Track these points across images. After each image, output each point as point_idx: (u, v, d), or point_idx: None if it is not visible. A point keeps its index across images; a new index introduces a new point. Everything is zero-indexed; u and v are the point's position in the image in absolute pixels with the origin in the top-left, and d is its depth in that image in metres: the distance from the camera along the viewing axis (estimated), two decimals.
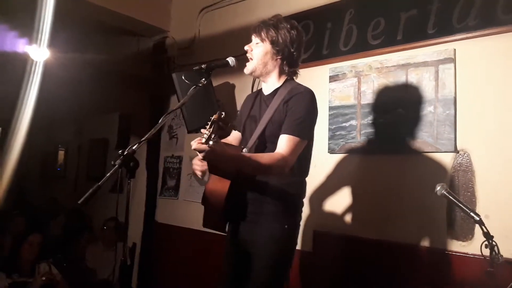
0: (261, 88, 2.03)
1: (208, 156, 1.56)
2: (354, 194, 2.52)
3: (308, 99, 1.82)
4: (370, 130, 2.47)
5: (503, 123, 2.04)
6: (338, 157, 2.62)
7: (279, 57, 1.88)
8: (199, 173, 1.85)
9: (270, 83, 1.94)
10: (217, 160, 1.63)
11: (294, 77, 1.97)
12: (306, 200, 2.66)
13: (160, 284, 3.80)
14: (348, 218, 2.53)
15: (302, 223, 2.62)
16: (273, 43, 1.86)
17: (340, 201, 2.58)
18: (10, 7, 3.25)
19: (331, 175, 2.64)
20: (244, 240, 1.84)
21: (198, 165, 1.84)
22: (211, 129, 1.49)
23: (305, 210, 2.68)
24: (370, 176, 2.47)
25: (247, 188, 1.83)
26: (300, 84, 1.91)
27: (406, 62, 2.36)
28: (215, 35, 3.59)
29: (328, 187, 2.63)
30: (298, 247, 2.58)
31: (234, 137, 2.10)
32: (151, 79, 4.14)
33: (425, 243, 2.21)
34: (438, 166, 2.21)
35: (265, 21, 1.91)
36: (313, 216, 2.67)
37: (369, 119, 2.47)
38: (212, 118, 1.51)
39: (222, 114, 1.54)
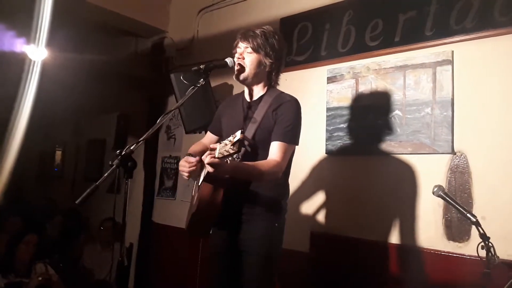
0: (242, 93, 2.07)
1: (219, 172, 1.64)
2: (351, 195, 2.52)
3: (295, 107, 1.92)
4: (367, 131, 2.47)
5: (500, 125, 2.04)
6: (335, 158, 2.62)
7: (270, 68, 1.95)
8: (185, 175, 1.86)
9: (256, 91, 1.99)
10: (226, 172, 1.73)
11: (276, 85, 2.04)
12: (303, 201, 2.68)
13: (157, 284, 3.79)
14: (345, 219, 2.53)
15: (299, 224, 2.65)
16: (267, 54, 1.92)
17: (337, 202, 2.58)
18: (8, 6, 3.24)
19: (328, 176, 2.65)
20: (238, 240, 1.90)
21: (186, 166, 1.85)
22: (235, 147, 1.51)
23: (302, 211, 2.70)
24: (367, 177, 2.48)
25: (240, 192, 1.89)
26: (283, 92, 1.98)
27: (404, 63, 2.37)
28: (214, 35, 3.59)
29: (325, 188, 2.64)
30: (295, 247, 2.59)
31: (209, 139, 2.15)
32: (149, 79, 4.14)
33: (422, 244, 2.22)
34: (435, 168, 2.21)
35: (254, 31, 1.94)
36: (310, 217, 2.67)
37: (367, 120, 2.48)
38: (238, 137, 1.53)
39: (244, 132, 1.59)
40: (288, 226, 2.00)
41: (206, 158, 1.60)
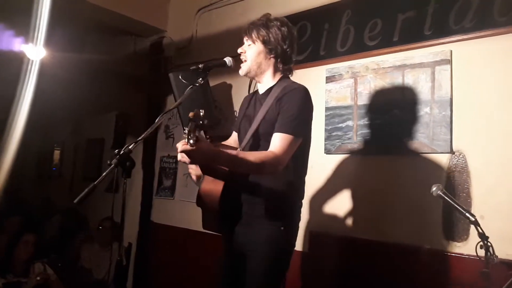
0: (257, 89, 2.02)
1: (194, 157, 1.49)
2: (350, 194, 2.52)
3: (301, 96, 1.77)
4: (366, 131, 2.47)
5: (498, 124, 2.05)
6: (334, 157, 2.62)
7: (272, 55, 1.86)
8: (194, 178, 1.83)
9: (265, 82, 1.90)
10: (204, 159, 1.57)
11: (290, 75, 1.94)
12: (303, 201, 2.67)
13: (155, 284, 3.79)
14: (344, 218, 2.53)
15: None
16: (264, 42, 1.83)
17: (336, 202, 2.58)
18: (7, 5, 3.23)
19: (327, 176, 2.65)
20: (239, 242, 1.81)
21: (193, 169, 1.84)
22: (189, 128, 1.40)
23: (302, 211, 2.69)
24: (366, 177, 2.48)
25: (241, 189, 1.80)
26: (295, 82, 1.88)
27: (403, 63, 2.37)
28: (213, 35, 3.59)
29: (324, 188, 2.64)
30: (295, 247, 2.59)
31: (234, 139, 2.06)
32: (148, 78, 4.14)
33: (421, 243, 2.22)
34: (434, 167, 2.22)
35: (254, 22, 1.89)
36: (310, 216, 2.67)
37: (366, 120, 2.48)
38: (189, 116, 1.43)
39: (201, 112, 1.45)
40: None
41: (179, 146, 1.47)
